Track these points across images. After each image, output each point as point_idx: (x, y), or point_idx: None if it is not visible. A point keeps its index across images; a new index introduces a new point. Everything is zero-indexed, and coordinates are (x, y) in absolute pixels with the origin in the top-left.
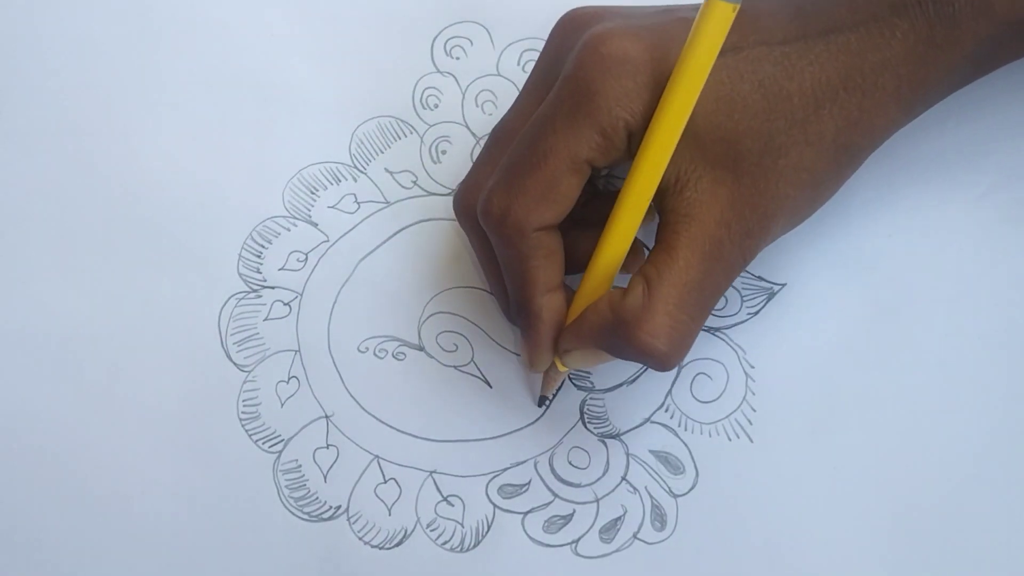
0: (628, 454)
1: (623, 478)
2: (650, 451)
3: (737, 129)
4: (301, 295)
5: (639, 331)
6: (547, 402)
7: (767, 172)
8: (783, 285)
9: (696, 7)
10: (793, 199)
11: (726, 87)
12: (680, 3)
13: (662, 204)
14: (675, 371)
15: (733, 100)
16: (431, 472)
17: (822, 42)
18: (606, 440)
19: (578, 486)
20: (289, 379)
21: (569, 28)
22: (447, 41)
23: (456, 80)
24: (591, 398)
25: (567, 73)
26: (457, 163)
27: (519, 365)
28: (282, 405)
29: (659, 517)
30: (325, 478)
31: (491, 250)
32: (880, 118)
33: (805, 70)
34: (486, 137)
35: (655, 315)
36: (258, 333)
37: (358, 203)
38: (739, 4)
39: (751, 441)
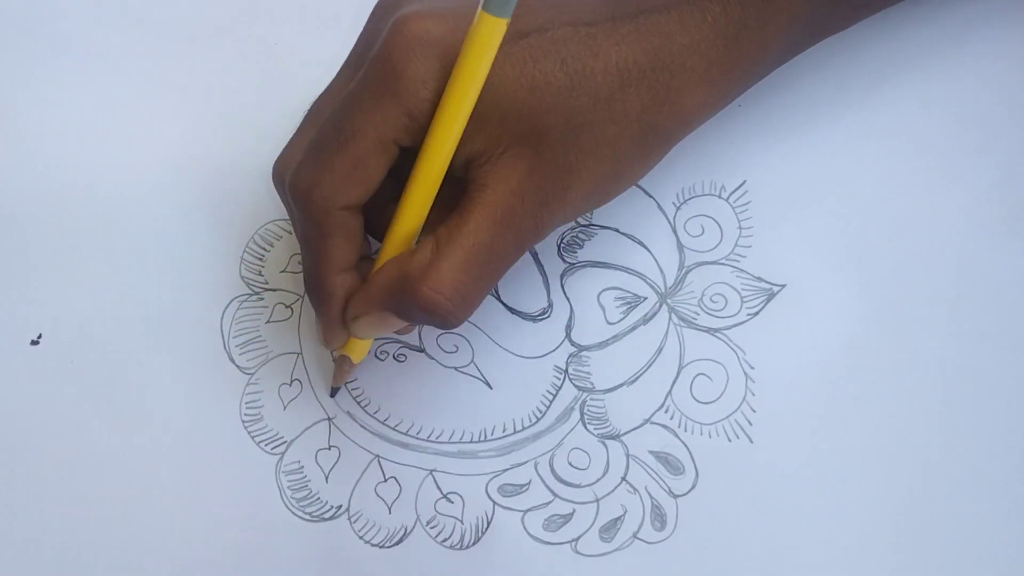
0: (628, 455)
1: (623, 478)
2: (650, 451)
3: (539, 106)
4: (303, 297)
5: (422, 285)
6: (338, 391)
7: (568, 147)
8: (783, 286)
9: None
10: (593, 173)
11: (529, 66)
12: None
13: (465, 176)
14: (675, 372)
15: (535, 78)
16: (431, 471)
17: (631, 23)
18: (606, 441)
19: (578, 487)
20: (292, 381)
21: (382, 11)
22: None
23: None
24: (591, 399)
25: (374, 54)
26: None
27: (519, 363)
28: (285, 407)
29: (659, 517)
30: (327, 479)
31: None
32: (689, 99)
33: (611, 49)
34: None
35: (440, 272)
36: (260, 336)
37: None
38: (507, 20)
39: (751, 441)
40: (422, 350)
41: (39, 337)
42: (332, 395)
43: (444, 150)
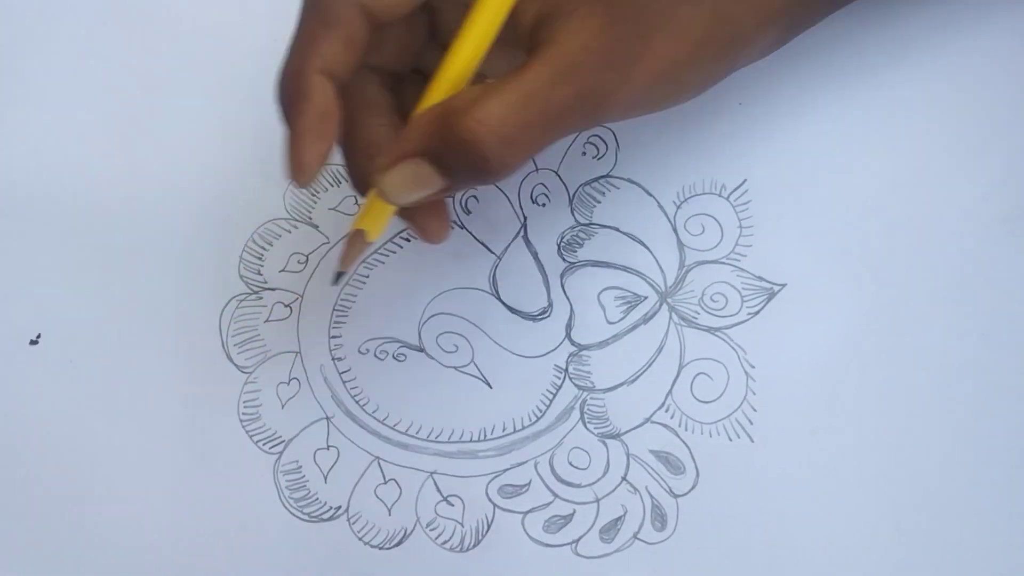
0: (628, 454)
1: (623, 478)
2: (650, 451)
3: None
4: (302, 297)
5: (467, 117)
6: (343, 277)
7: (641, 14)
8: (783, 285)
9: None
10: (665, 50)
11: None
12: None
13: (532, 39)
14: (675, 371)
15: None
16: (431, 473)
17: None
18: (606, 440)
19: (578, 486)
20: (290, 380)
21: None
22: None
23: None
24: (591, 398)
25: None
26: None
27: (519, 363)
28: (283, 406)
29: (659, 517)
30: (325, 479)
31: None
32: (760, 1)
33: None
34: None
35: (487, 105)
36: (259, 335)
37: (359, 205)
38: None
39: (751, 441)
40: (422, 350)
41: (38, 337)
42: (334, 282)
43: (497, 15)
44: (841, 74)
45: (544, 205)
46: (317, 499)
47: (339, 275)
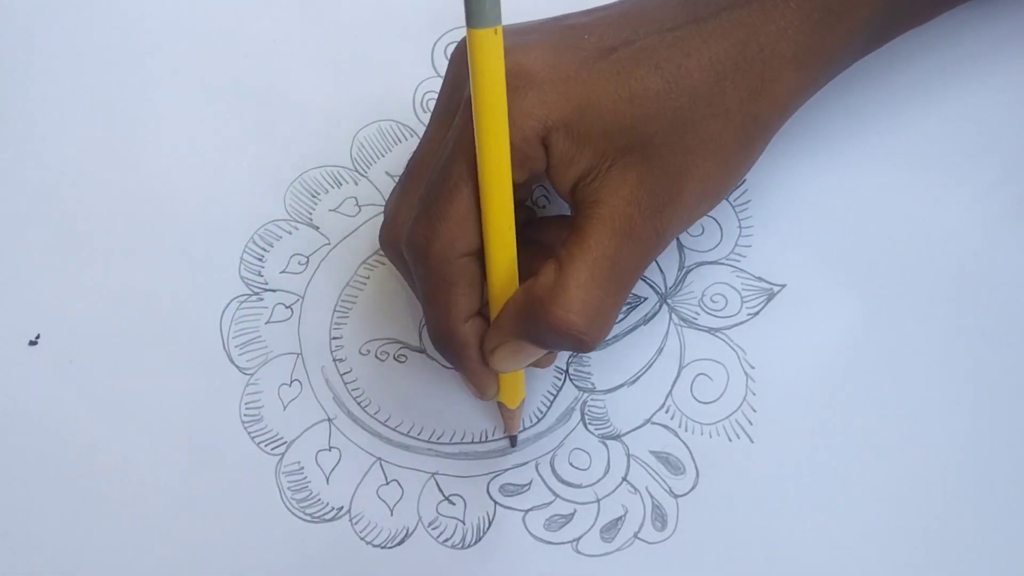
0: (629, 455)
1: (624, 479)
2: (651, 452)
3: (640, 114)
4: (303, 298)
5: (553, 306)
6: (516, 440)
7: (674, 149)
8: (783, 286)
9: (586, 12)
10: (703, 172)
11: (623, 77)
12: (570, 11)
13: (574, 198)
14: (675, 372)
15: (632, 87)
16: (433, 474)
17: (714, 21)
18: (607, 441)
19: (579, 487)
20: (291, 382)
21: (462, 56)
22: (448, 45)
23: None
24: (591, 399)
25: (468, 94)
26: None
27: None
28: (284, 408)
29: (660, 517)
30: (327, 480)
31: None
32: (783, 85)
33: (701, 47)
34: None
35: (567, 289)
36: (260, 336)
37: (359, 206)
38: (499, 26)
39: (751, 441)
40: (423, 351)
41: (38, 337)
42: (512, 444)
43: (498, 171)
44: (840, 76)
45: (544, 207)
46: (319, 500)
47: (512, 439)
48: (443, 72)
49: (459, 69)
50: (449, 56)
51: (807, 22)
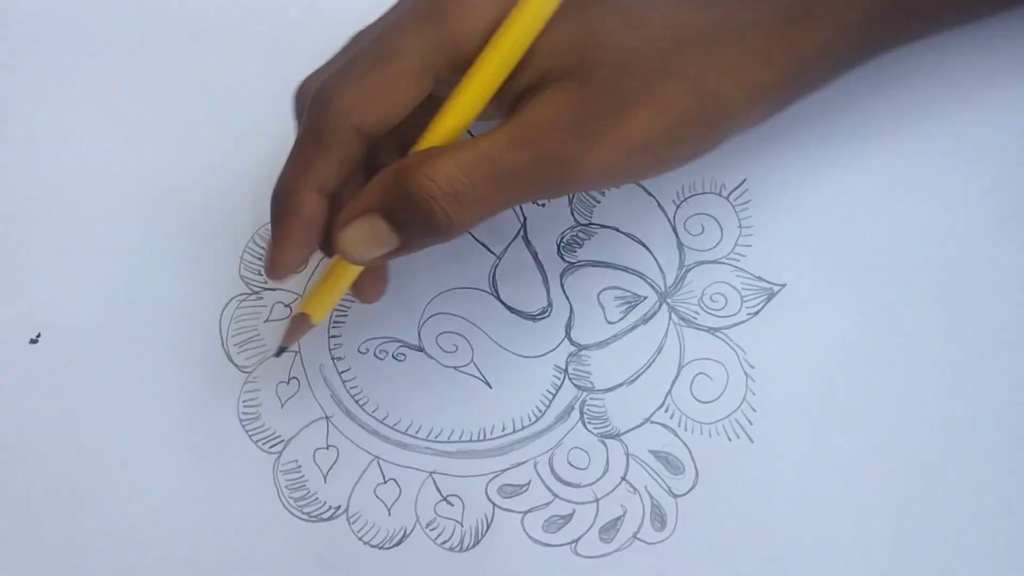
0: (628, 454)
1: (623, 478)
2: (650, 451)
3: (590, 41)
4: (302, 296)
5: (417, 172)
6: (284, 351)
7: (616, 86)
8: (783, 286)
9: None
10: (642, 122)
11: (582, 5)
12: None
13: (510, 110)
14: (675, 371)
15: (589, 17)
16: (431, 473)
17: None
18: (606, 440)
19: (578, 486)
20: (289, 380)
21: None
22: None
23: None
24: (591, 398)
25: None
26: None
27: (519, 363)
28: (282, 406)
29: (659, 517)
30: (325, 479)
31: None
32: (751, 74)
33: (669, 7)
34: None
35: (438, 159)
36: (259, 335)
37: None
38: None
39: (751, 441)
40: (421, 349)
41: (38, 336)
42: (277, 354)
43: (481, 94)
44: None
45: (543, 205)
46: (317, 499)
47: (281, 350)
48: None
49: None
50: None
51: (782, 19)
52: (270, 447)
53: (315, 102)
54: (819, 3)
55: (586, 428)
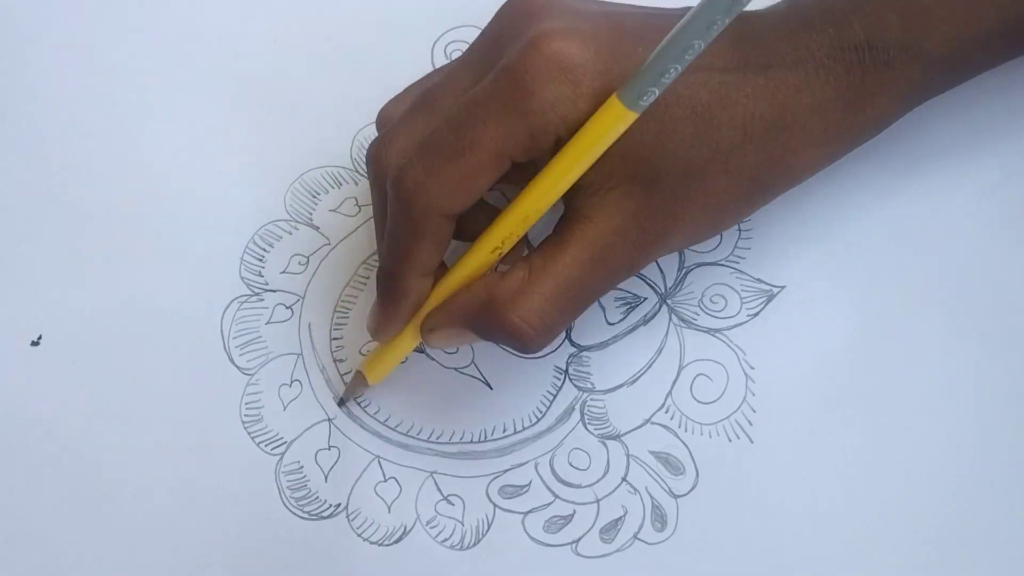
0: (628, 455)
1: (623, 479)
2: (650, 452)
3: (660, 151)
4: (303, 298)
5: (511, 312)
6: (344, 403)
7: (677, 194)
8: (782, 287)
9: (644, 14)
10: (696, 221)
11: (659, 108)
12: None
13: (568, 201)
14: (675, 372)
15: (663, 123)
16: (431, 473)
17: (761, 76)
18: (606, 441)
19: (578, 487)
20: (291, 382)
21: (516, 14)
22: (447, 45)
23: None
24: (591, 399)
25: (507, 64)
26: None
27: (519, 364)
28: (284, 408)
29: (659, 518)
30: (326, 478)
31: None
32: (802, 160)
33: (740, 102)
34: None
35: (530, 300)
36: (260, 336)
37: (359, 206)
38: (637, 114)
39: (751, 441)
40: (422, 351)
41: (39, 338)
42: (340, 404)
43: (545, 201)
44: None
45: None
46: (317, 497)
47: (342, 400)
48: None
49: (506, 26)
50: (449, 54)
51: (841, 100)
52: (272, 449)
53: (401, 191)
54: (874, 80)
55: (587, 429)
